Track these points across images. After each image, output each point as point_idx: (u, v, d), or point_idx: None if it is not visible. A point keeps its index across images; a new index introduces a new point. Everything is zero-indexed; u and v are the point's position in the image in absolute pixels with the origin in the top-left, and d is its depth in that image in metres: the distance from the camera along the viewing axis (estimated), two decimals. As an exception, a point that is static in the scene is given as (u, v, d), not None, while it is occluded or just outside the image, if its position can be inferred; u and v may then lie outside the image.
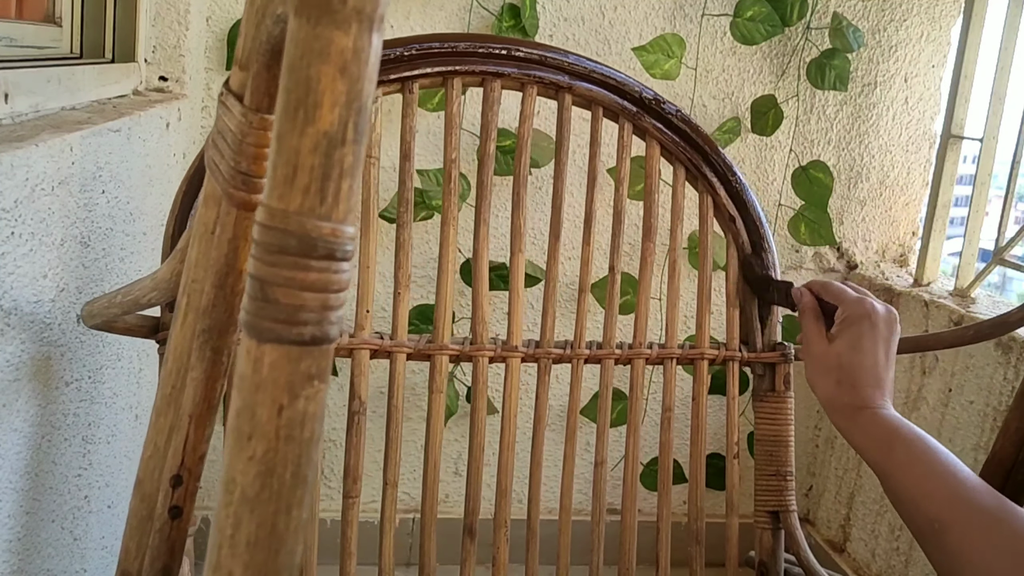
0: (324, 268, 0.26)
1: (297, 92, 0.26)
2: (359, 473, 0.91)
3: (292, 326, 0.26)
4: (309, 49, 0.26)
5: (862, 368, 0.71)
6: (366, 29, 0.26)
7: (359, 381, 0.91)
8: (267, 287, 0.26)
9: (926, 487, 0.63)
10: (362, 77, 0.26)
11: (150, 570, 0.49)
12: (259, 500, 0.27)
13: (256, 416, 0.26)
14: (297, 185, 0.26)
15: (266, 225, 0.26)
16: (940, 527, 0.61)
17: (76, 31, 1.20)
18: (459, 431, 1.68)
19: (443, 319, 0.94)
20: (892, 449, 0.66)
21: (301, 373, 0.27)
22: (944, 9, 1.72)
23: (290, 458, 0.27)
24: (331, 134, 0.26)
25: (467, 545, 0.93)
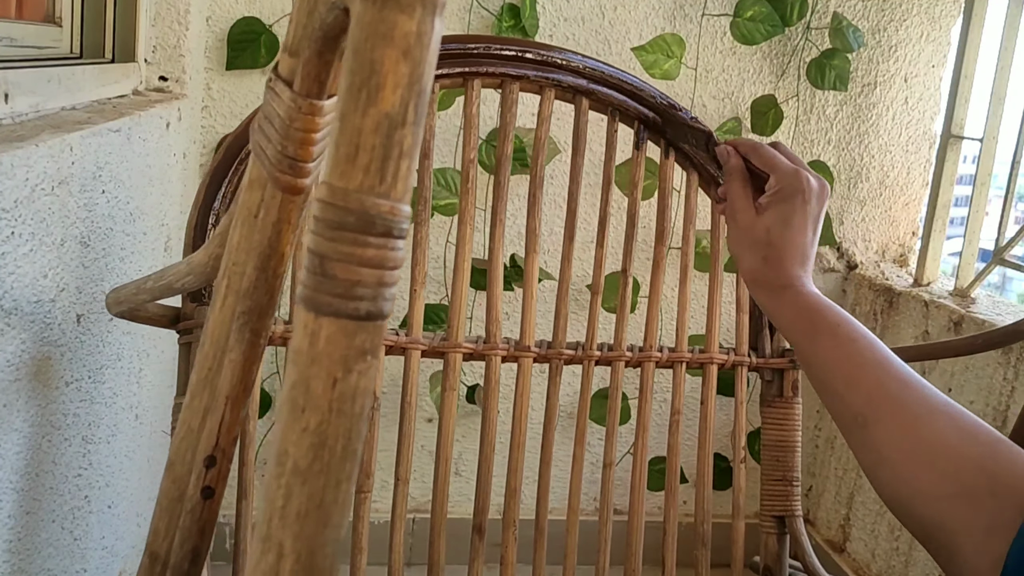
0: (381, 245, 0.27)
1: (361, 74, 0.27)
2: (372, 468, 0.91)
3: (349, 300, 0.27)
4: (374, 32, 0.26)
5: (792, 245, 0.67)
6: (429, 13, 0.27)
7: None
8: (326, 262, 0.27)
9: (851, 377, 0.60)
10: (424, 60, 0.27)
11: (179, 551, 0.49)
12: (311, 472, 0.27)
13: (311, 389, 0.27)
14: (358, 164, 0.27)
15: (327, 202, 0.27)
16: (863, 421, 0.58)
17: (76, 31, 1.20)
18: (459, 431, 1.68)
19: (458, 317, 0.94)
20: (816, 332, 0.63)
21: (356, 347, 0.27)
22: (944, 9, 1.72)
23: (341, 431, 0.27)
24: (392, 115, 0.27)
25: (476, 544, 0.94)
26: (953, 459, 0.53)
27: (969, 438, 0.53)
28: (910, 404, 0.56)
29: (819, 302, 0.65)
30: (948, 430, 0.54)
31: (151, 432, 1.26)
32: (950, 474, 0.52)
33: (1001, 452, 0.52)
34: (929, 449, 0.54)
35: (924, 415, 0.55)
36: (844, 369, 0.60)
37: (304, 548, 0.27)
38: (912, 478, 0.54)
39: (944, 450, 0.53)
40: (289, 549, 0.27)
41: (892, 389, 0.58)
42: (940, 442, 0.54)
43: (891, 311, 1.67)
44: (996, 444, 0.53)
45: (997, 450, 0.52)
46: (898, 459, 0.55)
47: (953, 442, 0.53)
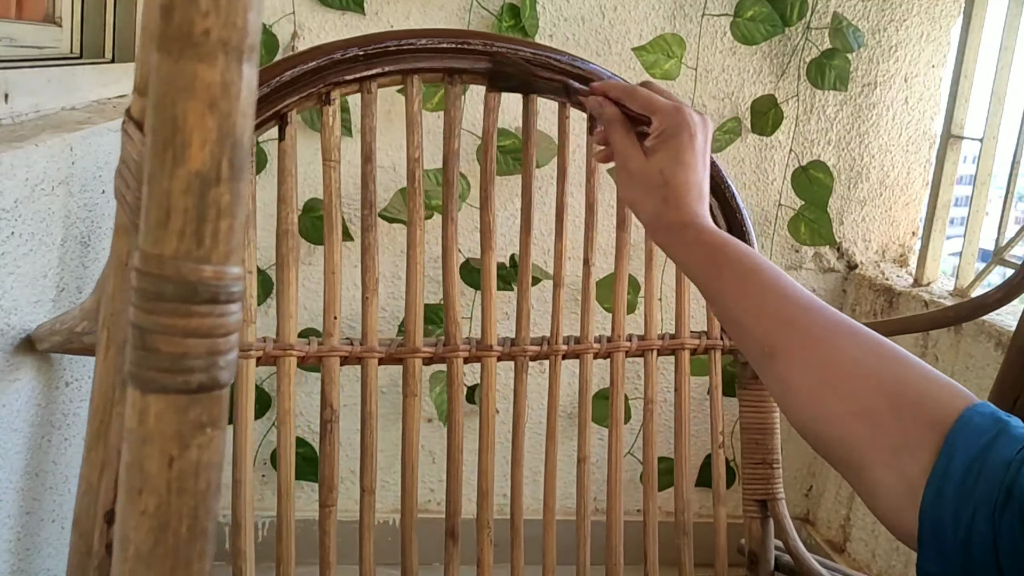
0: (208, 312, 0.25)
1: (164, 131, 0.25)
2: (335, 483, 0.90)
3: (176, 374, 0.25)
4: (174, 86, 0.24)
5: (688, 182, 0.66)
6: (234, 60, 0.25)
7: (330, 389, 0.89)
8: (147, 335, 0.25)
9: (755, 308, 0.60)
10: (234, 111, 0.25)
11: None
12: (154, 556, 0.25)
13: (145, 469, 0.25)
14: (171, 229, 0.25)
15: (142, 271, 0.25)
16: (769, 351, 0.57)
17: (76, 31, 1.20)
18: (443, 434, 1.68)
19: (415, 323, 0.93)
20: (720, 268, 0.62)
21: (191, 422, 0.25)
22: (944, 9, 1.72)
23: (185, 511, 0.26)
24: (203, 173, 0.25)
25: (450, 548, 0.93)
26: (854, 378, 0.53)
27: (872, 357, 0.53)
28: (814, 328, 0.56)
29: (721, 237, 0.64)
30: (850, 349, 0.54)
31: (151, 432, 1.25)
32: (851, 393, 0.52)
33: (904, 371, 0.52)
34: (832, 370, 0.54)
35: (827, 337, 0.55)
36: (749, 301, 0.60)
37: None
38: (817, 400, 0.54)
39: (846, 370, 0.53)
40: None
41: (796, 316, 0.58)
42: (842, 362, 0.54)
43: (891, 311, 1.67)
44: (899, 362, 0.53)
45: (900, 369, 0.52)
46: (803, 384, 0.55)
47: (855, 361, 0.53)
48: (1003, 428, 0.47)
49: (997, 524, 0.44)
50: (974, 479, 0.46)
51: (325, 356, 0.90)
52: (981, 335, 1.42)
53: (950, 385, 0.52)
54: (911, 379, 0.52)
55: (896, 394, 0.51)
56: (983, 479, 0.45)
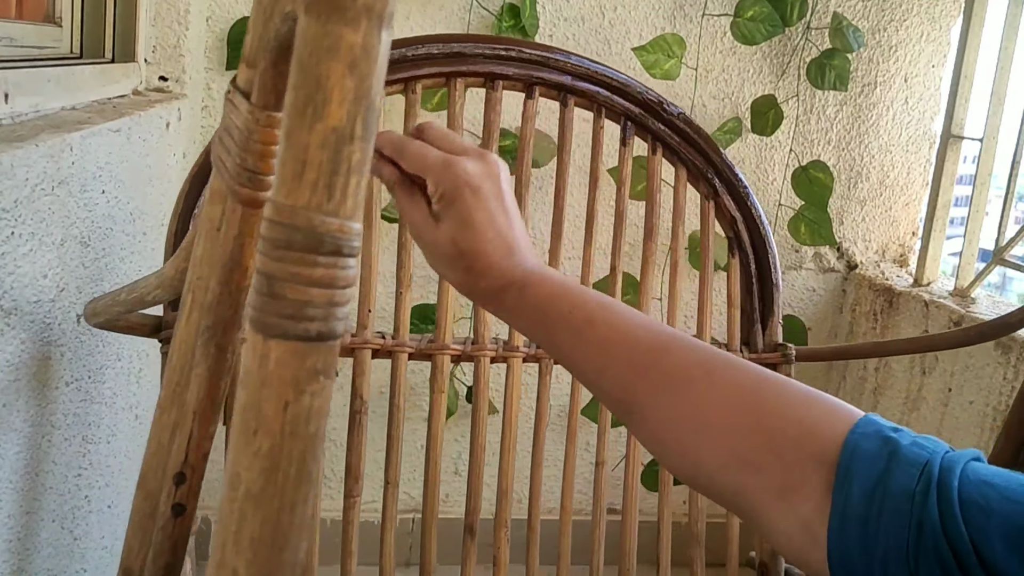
0: (331, 264, 0.26)
1: (307, 88, 0.26)
2: (360, 472, 0.91)
3: (298, 322, 0.26)
4: (319, 46, 0.26)
5: (486, 244, 0.57)
6: (375, 26, 0.26)
7: (361, 381, 0.91)
8: (274, 282, 0.26)
9: (599, 365, 0.54)
10: (371, 74, 0.26)
11: (152, 567, 0.49)
12: (264, 496, 0.26)
13: (262, 412, 0.26)
14: (305, 181, 0.26)
15: (274, 220, 0.26)
16: (626, 407, 0.53)
17: (76, 31, 1.20)
18: (459, 431, 1.68)
19: (445, 319, 0.94)
20: (552, 328, 0.56)
21: (307, 369, 0.26)
22: (944, 9, 1.72)
23: (295, 454, 0.27)
24: (340, 130, 0.26)
25: (468, 544, 0.93)
26: (724, 426, 0.49)
27: (736, 397, 0.49)
28: (668, 376, 0.51)
29: (545, 292, 0.57)
30: (712, 392, 0.50)
31: (151, 432, 1.26)
32: (723, 442, 0.48)
33: (774, 403, 0.48)
34: (698, 421, 0.50)
35: (686, 384, 0.51)
36: (591, 359, 0.54)
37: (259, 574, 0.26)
38: (691, 454, 0.50)
39: (714, 418, 0.49)
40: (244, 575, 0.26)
41: (647, 365, 0.52)
42: (708, 410, 0.50)
43: (891, 311, 1.67)
44: (766, 395, 0.49)
45: (769, 402, 0.48)
46: (671, 438, 0.51)
47: (721, 406, 0.49)
48: (894, 451, 0.44)
49: (914, 571, 0.42)
50: (876, 514, 0.43)
51: (358, 348, 0.91)
52: (981, 335, 1.42)
53: (826, 407, 0.48)
54: (783, 411, 0.48)
55: (771, 432, 0.47)
56: (886, 514, 0.42)
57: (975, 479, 0.42)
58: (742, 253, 1.01)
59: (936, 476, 0.42)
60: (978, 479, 0.42)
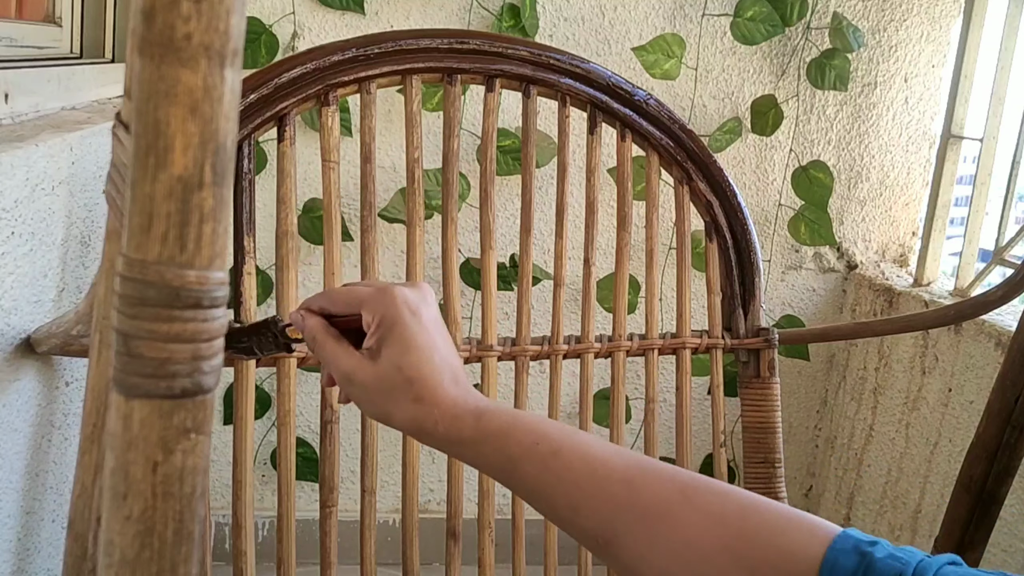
0: (191, 318, 0.25)
1: (147, 136, 0.25)
2: (335, 483, 0.90)
3: (160, 379, 0.25)
4: (155, 90, 0.24)
5: (433, 368, 0.55)
6: (216, 65, 0.25)
7: (330, 391, 0.90)
8: (130, 341, 0.25)
9: (571, 499, 0.51)
10: (216, 116, 0.25)
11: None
12: (140, 561, 0.25)
13: (130, 474, 0.25)
14: (154, 234, 0.25)
15: (125, 276, 0.25)
16: (602, 541, 0.51)
17: (76, 31, 1.21)
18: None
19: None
20: (516, 463, 0.53)
21: (175, 427, 0.25)
22: (944, 9, 1.72)
23: (170, 515, 0.26)
24: (186, 178, 0.25)
25: (451, 548, 0.93)
26: (702, 555, 0.48)
27: (715, 524, 0.48)
28: (643, 506, 0.50)
29: (502, 421, 0.54)
30: (691, 521, 0.48)
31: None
32: (705, 574, 0.47)
33: (752, 529, 0.48)
34: (677, 552, 0.48)
35: (661, 515, 0.49)
36: (562, 493, 0.51)
37: None
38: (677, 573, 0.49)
39: (691, 548, 0.48)
40: None
41: (621, 497, 0.50)
42: (685, 540, 0.48)
43: (891, 311, 1.67)
44: (746, 521, 0.48)
45: (747, 529, 0.48)
46: (650, 570, 0.49)
47: (698, 536, 0.48)
48: (869, 564, 0.44)
49: None
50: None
51: None
52: (981, 335, 1.42)
53: (804, 528, 0.47)
54: (764, 536, 0.47)
55: (753, 559, 0.47)
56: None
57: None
58: (720, 237, 0.99)
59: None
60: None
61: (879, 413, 1.68)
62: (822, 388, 1.86)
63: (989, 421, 0.88)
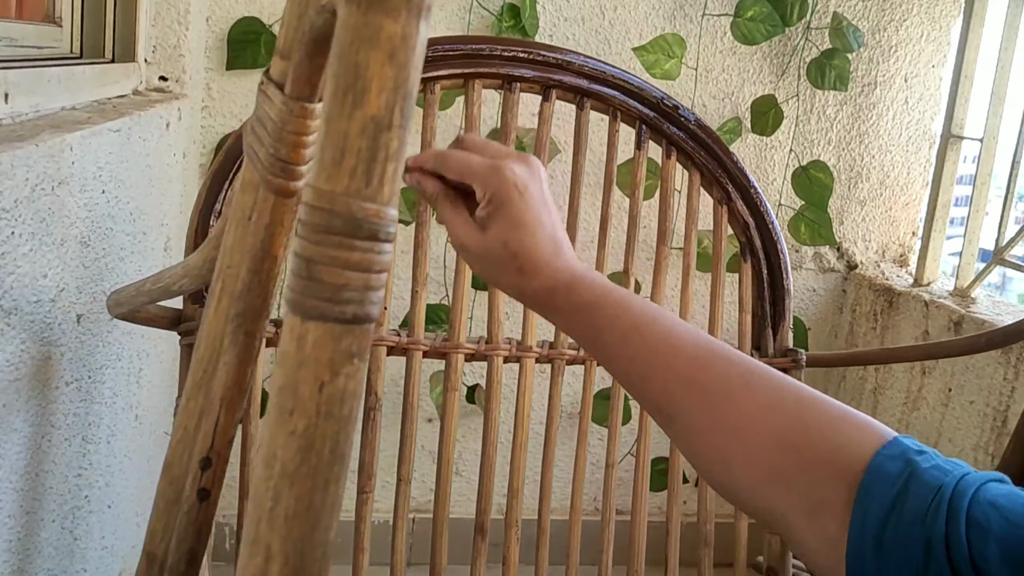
0: (368, 248, 0.27)
1: (346, 77, 0.27)
2: (374, 469, 0.91)
3: (335, 304, 0.27)
4: (359, 35, 0.26)
5: (536, 244, 0.58)
6: (415, 16, 0.27)
7: (376, 377, 0.92)
8: (312, 266, 0.27)
9: (642, 371, 0.54)
10: (409, 64, 0.27)
11: (176, 552, 0.49)
12: (298, 474, 0.27)
13: (298, 392, 0.27)
14: (344, 167, 0.27)
15: (313, 205, 0.27)
16: (668, 415, 0.53)
17: (76, 31, 1.20)
18: (460, 431, 1.68)
19: (459, 318, 0.95)
20: (599, 332, 0.56)
21: (343, 351, 0.27)
22: (944, 9, 1.72)
23: (329, 434, 0.27)
24: (378, 118, 0.27)
25: (478, 544, 0.94)
26: (757, 440, 0.49)
27: (773, 412, 0.50)
28: (708, 386, 0.52)
29: (594, 292, 0.57)
30: (749, 406, 0.50)
31: (151, 432, 1.26)
32: (757, 458, 0.49)
33: (809, 420, 0.49)
34: (733, 434, 0.50)
35: (723, 396, 0.51)
36: (636, 365, 0.55)
37: (293, 550, 0.27)
38: (725, 467, 0.51)
39: (748, 432, 0.50)
40: (277, 551, 0.27)
41: (687, 374, 0.53)
42: (743, 423, 0.50)
43: (891, 311, 1.67)
44: (802, 412, 0.49)
45: (804, 419, 0.49)
46: (707, 450, 0.51)
47: (755, 420, 0.50)
48: (913, 471, 0.44)
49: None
50: (891, 535, 0.43)
51: (374, 345, 0.92)
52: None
53: (858, 426, 0.48)
54: (816, 430, 0.48)
55: (803, 449, 0.48)
56: (900, 536, 0.43)
57: (984, 500, 0.43)
58: (754, 258, 1.01)
59: (948, 498, 0.43)
60: (987, 500, 0.43)
61: (879, 413, 1.68)
62: (822, 388, 1.87)
63: (1016, 446, 0.89)
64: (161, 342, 1.28)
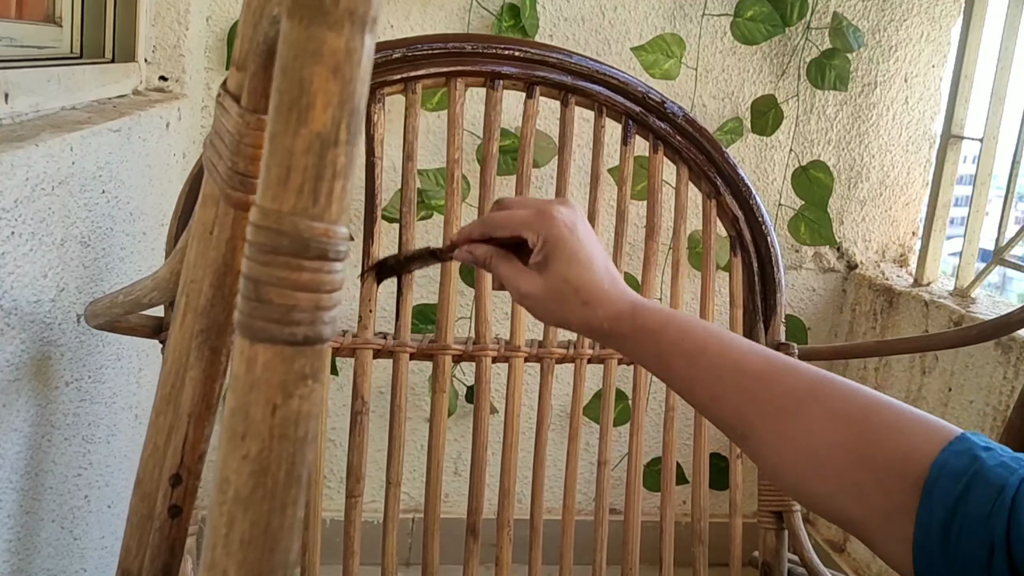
0: (317, 268, 0.27)
1: (290, 93, 0.26)
2: (362, 473, 0.91)
3: (285, 326, 0.27)
4: (302, 50, 0.26)
5: (595, 276, 0.61)
6: (359, 30, 0.26)
7: (361, 381, 0.91)
8: (260, 287, 0.27)
9: (714, 393, 0.56)
10: (355, 78, 0.26)
11: (150, 568, 0.49)
12: (253, 499, 0.27)
13: (250, 415, 0.27)
14: (290, 186, 0.26)
15: (259, 225, 0.26)
16: (741, 433, 0.54)
17: (76, 31, 1.20)
18: (457, 431, 1.68)
19: (446, 319, 0.94)
20: (668, 358, 0.58)
21: (295, 372, 0.27)
22: (944, 9, 1.72)
23: (284, 457, 0.27)
24: (324, 135, 0.26)
25: (470, 544, 0.94)
26: (827, 453, 0.50)
27: (839, 423, 0.50)
28: (778, 403, 0.53)
29: (657, 318, 0.59)
30: (818, 420, 0.51)
31: (151, 432, 1.26)
32: (829, 470, 0.50)
33: (877, 427, 0.49)
34: (806, 449, 0.51)
35: (792, 410, 0.52)
36: (707, 386, 0.56)
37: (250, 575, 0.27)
38: (801, 482, 0.52)
39: (819, 446, 0.51)
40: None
41: (756, 391, 0.54)
42: (813, 438, 0.51)
43: (891, 311, 1.67)
44: (870, 419, 0.50)
45: (870, 427, 0.49)
46: (782, 465, 0.53)
47: (826, 433, 0.51)
48: (978, 469, 0.45)
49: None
50: (956, 537, 0.44)
51: (359, 348, 0.91)
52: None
53: (926, 425, 0.49)
54: (885, 434, 0.49)
55: (872, 457, 0.49)
56: (963, 535, 0.44)
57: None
58: (744, 252, 1.01)
59: (1011, 498, 0.43)
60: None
61: (879, 413, 1.68)
62: (822, 388, 1.86)
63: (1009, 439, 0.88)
64: (161, 342, 1.28)
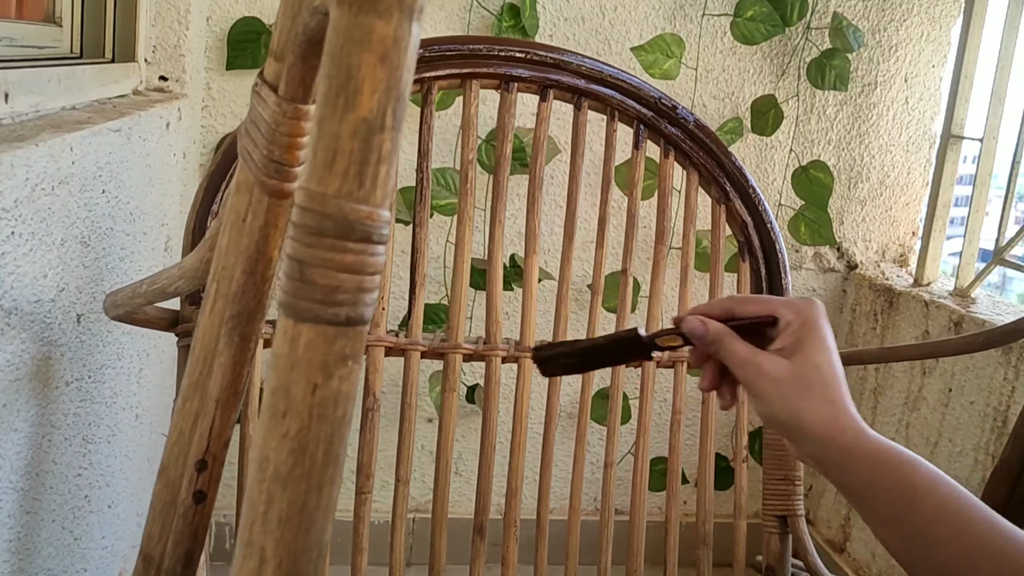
0: (360, 250, 0.27)
1: (338, 79, 0.27)
2: (372, 470, 0.91)
3: (328, 306, 0.27)
4: (351, 37, 0.27)
5: (840, 376, 0.56)
6: (407, 18, 0.27)
7: (373, 378, 0.92)
8: (305, 268, 0.27)
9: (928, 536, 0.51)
10: (401, 65, 0.27)
11: (173, 554, 0.49)
12: (291, 477, 0.27)
13: (291, 394, 0.27)
14: (336, 169, 0.27)
15: (305, 207, 0.27)
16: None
17: (76, 31, 1.21)
18: (458, 431, 1.68)
19: (457, 318, 0.95)
20: (919, 496, 0.52)
21: (336, 353, 0.27)
22: (944, 9, 1.72)
23: (323, 436, 0.27)
24: (370, 120, 0.27)
25: (477, 544, 0.94)
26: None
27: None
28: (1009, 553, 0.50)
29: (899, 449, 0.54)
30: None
31: (151, 432, 1.26)
32: None
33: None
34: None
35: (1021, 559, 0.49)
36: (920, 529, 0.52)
37: (286, 553, 0.27)
38: None
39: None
40: (271, 554, 0.27)
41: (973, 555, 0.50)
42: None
43: (891, 311, 1.67)
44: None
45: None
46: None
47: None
48: None
49: None
50: None
51: (371, 346, 0.92)
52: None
53: None
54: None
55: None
56: None
57: None
58: (752, 258, 1.01)
59: None
60: None
61: (879, 413, 1.68)
62: (822, 388, 1.86)
63: (1015, 445, 0.89)
64: (161, 342, 1.28)
